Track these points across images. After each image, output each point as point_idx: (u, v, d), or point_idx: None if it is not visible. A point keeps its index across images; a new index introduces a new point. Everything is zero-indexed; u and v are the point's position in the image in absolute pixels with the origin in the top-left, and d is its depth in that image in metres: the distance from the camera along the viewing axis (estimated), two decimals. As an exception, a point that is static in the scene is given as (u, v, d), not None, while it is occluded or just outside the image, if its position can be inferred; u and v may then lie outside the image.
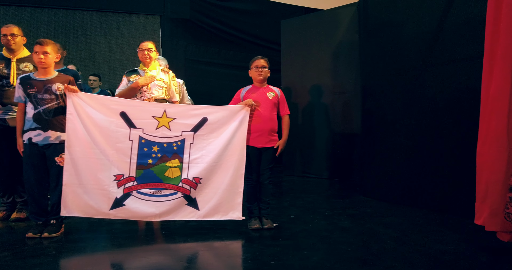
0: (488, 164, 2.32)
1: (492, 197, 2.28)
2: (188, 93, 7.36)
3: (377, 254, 2.48)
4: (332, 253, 2.53)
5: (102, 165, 2.86)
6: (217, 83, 7.74)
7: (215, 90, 7.68)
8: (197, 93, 7.50)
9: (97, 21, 7.33)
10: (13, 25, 3.41)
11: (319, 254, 2.50)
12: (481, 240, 2.72)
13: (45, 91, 2.84)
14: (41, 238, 2.77)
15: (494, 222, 2.30)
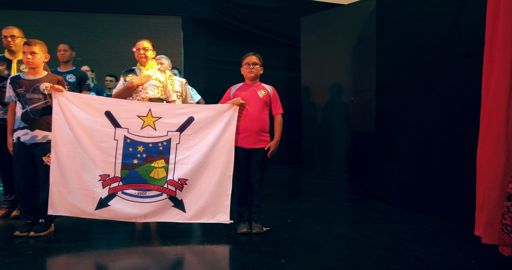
0: (485, 168, 2.06)
1: (488, 206, 2.02)
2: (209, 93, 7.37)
3: (360, 265, 2.28)
4: (310, 262, 2.36)
5: (87, 165, 2.85)
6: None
7: (236, 90, 7.59)
8: (218, 93, 7.40)
9: (119, 23, 7.49)
10: (13, 27, 3.50)
11: (296, 263, 2.34)
12: (484, 253, 2.45)
13: (33, 91, 2.87)
14: (29, 237, 2.79)
15: (489, 233, 2.04)
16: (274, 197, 4.54)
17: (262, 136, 3.01)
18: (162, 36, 7.61)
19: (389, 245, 2.69)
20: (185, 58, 7.63)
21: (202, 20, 7.62)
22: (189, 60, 7.64)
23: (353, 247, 2.64)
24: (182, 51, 7.62)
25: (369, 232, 3.03)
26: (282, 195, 4.71)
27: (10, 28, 3.48)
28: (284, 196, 4.65)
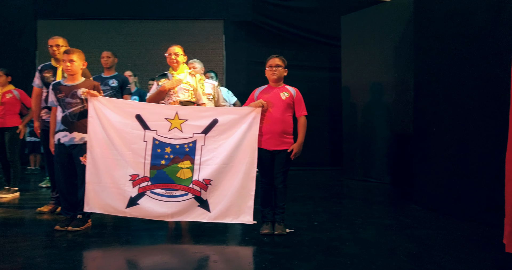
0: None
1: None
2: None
3: (376, 271, 2.23)
4: (324, 265, 2.34)
5: (119, 165, 3.02)
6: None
7: (277, 91, 7.62)
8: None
9: (164, 29, 7.81)
10: (58, 37, 3.80)
11: (309, 265, 2.33)
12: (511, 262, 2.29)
13: (71, 96, 3.10)
14: (67, 231, 3.02)
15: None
16: (307, 199, 4.53)
17: (285, 138, 3.03)
18: (205, 40, 7.83)
19: (413, 251, 2.60)
20: (226, 60, 7.79)
21: (243, 23, 7.74)
22: (230, 62, 7.79)
23: (373, 252, 2.58)
24: (224, 54, 7.79)
25: (395, 238, 2.94)
26: (315, 197, 4.68)
27: (55, 38, 3.78)
28: (317, 198, 4.61)
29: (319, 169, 7.28)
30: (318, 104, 7.60)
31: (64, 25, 7.78)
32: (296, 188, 5.34)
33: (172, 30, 7.81)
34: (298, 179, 6.20)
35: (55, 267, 2.25)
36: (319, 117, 7.56)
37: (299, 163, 7.23)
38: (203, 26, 7.90)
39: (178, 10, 7.79)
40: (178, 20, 7.86)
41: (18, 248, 2.60)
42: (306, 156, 7.29)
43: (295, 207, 4.05)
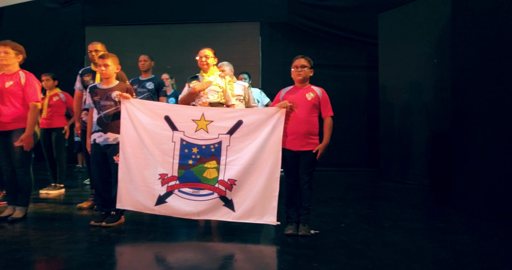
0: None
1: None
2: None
3: (397, 276, 2.17)
4: (343, 268, 2.30)
5: (149, 164, 3.15)
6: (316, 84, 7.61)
7: (314, 92, 7.58)
8: None
9: (202, 32, 8.01)
10: (97, 42, 4.01)
11: (327, 268, 2.31)
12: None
13: (106, 98, 3.28)
14: (101, 227, 3.19)
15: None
16: (338, 200, 4.47)
17: (310, 138, 3.01)
18: (241, 41, 7.94)
19: (441, 257, 2.50)
20: (262, 62, 7.85)
21: (279, 24, 7.76)
22: (266, 64, 7.84)
23: (398, 257, 2.51)
24: (260, 55, 7.85)
25: (425, 242, 2.84)
26: (348, 198, 4.60)
27: (94, 43, 4.00)
28: (349, 199, 4.54)
29: (355, 170, 7.14)
30: (355, 104, 7.47)
31: (109, 31, 8.21)
32: (329, 189, 5.29)
33: (210, 33, 7.98)
34: (333, 180, 6.13)
35: (84, 260, 2.39)
36: (355, 117, 7.43)
37: (334, 164, 7.23)
38: (240, 28, 8.01)
39: (215, 13, 7.95)
40: (215, 23, 8.03)
41: (53, 241, 2.79)
42: (342, 157, 7.27)
43: (325, 208, 4.02)
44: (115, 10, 8.16)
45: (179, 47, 8.08)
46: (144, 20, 8.11)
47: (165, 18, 8.07)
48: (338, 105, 7.40)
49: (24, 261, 2.38)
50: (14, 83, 3.39)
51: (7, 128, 3.37)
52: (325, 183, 5.82)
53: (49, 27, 8.31)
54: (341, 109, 7.46)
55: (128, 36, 8.12)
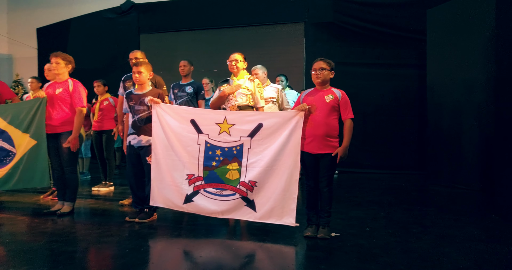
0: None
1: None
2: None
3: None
4: (350, 272, 2.29)
5: (177, 165, 3.34)
6: (363, 84, 7.50)
7: (361, 92, 7.46)
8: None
9: (248, 35, 8.19)
10: (137, 50, 4.30)
11: (333, 270, 2.31)
12: None
13: (139, 103, 3.52)
14: (135, 223, 3.44)
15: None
16: (373, 204, 4.37)
17: (329, 141, 3.00)
18: (286, 43, 7.99)
19: (460, 266, 2.39)
20: (307, 63, 7.82)
21: (324, 24, 7.70)
22: (311, 64, 7.76)
23: (414, 263, 2.44)
24: (304, 56, 7.83)
25: (449, 249, 2.72)
26: (384, 202, 4.48)
27: (134, 51, 4.29)
28: (386, 203, 4.42)
29: (403, 173, 6.87)
30: (403, 103, 7.20)
31: (162, 37, 8.69)
32: (369, 192, 5.18)
33: (255, 35, 8.13)
34: (377, 183, 5.98)
35: (110, 253, 2.62)
36: (403, 117, 7.15)
37: (381, 166, 7.01)
38: (284, 30, 8.05)
39: (260, 16, 8.07)
40: (260, 26, 8.15)
41: (89, 234, 3.07)
42: (389, 159, 7.03)
43: (356, 211, 3.96)
44: (166, 18, 8.60)
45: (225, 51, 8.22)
46: (193, 26, 8.46)
47: (213, 24, 8.35)
48: (385, 105, 7.22)
49: (59, 252, 2.66)
50: (63, 90, 3.75)
51: (56, 131, 3.74)
52: (367, 186, 5.70)
53: (108, 35, 8.97)
54: (388, 109, 7.24)
55: (179, 41, 8.54)
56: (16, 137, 3.83)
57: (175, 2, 8.55)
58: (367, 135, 7.35)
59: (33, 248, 2.73)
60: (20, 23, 10.40)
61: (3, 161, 3.87)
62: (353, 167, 7.34)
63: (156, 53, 8.64)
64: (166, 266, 2.44)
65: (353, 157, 7.21)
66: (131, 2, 8.78)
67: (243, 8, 8.18)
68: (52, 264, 2.42)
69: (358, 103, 7.40)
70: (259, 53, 8.09)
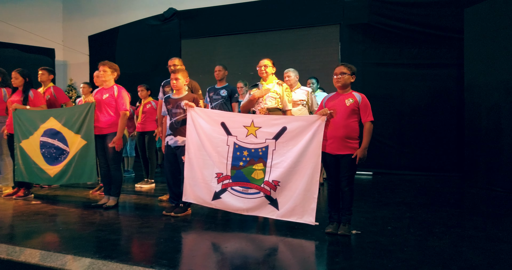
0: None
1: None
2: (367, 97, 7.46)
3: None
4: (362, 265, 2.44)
5: (207, 164, 3.62)
6: (399, 85, 7.49)
7: (396, 93, 7.49)
8: (376, 97, 7.49)
9: (283, 38, 8.39)
10: (175, 58, 4.64)
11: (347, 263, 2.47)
12: None
13: (176, 107, 3.84)
14: (171, 216, 3.76)
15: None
16: (402, 204, 4.43)
17: (349, 142, 3.14)
18: (321, 45, 8.12)
19: (473, 263, 2.46)
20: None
21: (360, 25, 7.74)
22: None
23: (427, 260, 2.54)
24: (339, 58, 7.91)
25: (466, 249, 2.79)
26: (413, 203, 4.53)
27: (173, 59, 4.64)
28: (414, 204, 4.46)
29: (438, 174, 6.79)
30: (439, 104, 7.10)
31: (202, 42, 9.10)
32: (400, 193, 5.21)
33: (291, 38, 8.32)
34: (410, 184, 5.99)
35: (146, 241, 2.95)
36: (441, 118, 7.05)
37: (417, 167, 6.96)
38: (319, 32, 8.17)
39: (296, 19, 8.24)
40: (296, 29, 8.32)
41: (130, 225, 3.43)
42: (425, 161, 6.97)
43: (382, 211, 4.06)
44: (206, 23, 9.00)
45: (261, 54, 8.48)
46: (231, 31, 8.78)
47: (249, 28, 8.63)
48: (422, 105, 7.16)
49: (103, 239, 3.01)
50: (109, 96, 4.16)
51: (103, 132, 4.15)
52: (401, 187, 5.73)
53: (152, 42, 9.51)
54: (425, 110, 7.16)
55: (217, 45, 8.90)
56: (69, 138, 4.29)
57: (214, 8, 8.92)
58: (404, 136, 7.32)
59: (82, 236, 3.11)
60: (74, 32, 11.26)
61: (58, 158, 4.35)
62: (389, 169, 7.36)
63: (196, 57, 9.07)
64: (195, 255, 2.71)
65: (389, 158, 7.27)
66: (173, 9, 9.26)
67: (279, 12, 8.39)
68: (97, 249, 2.76)
69: (394, 104, 7.41)
70: (293, 55, 8.28)
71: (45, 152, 4.43)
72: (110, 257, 2.55)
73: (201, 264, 2.49)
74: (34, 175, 4.52)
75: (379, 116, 7.53)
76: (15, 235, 3.16)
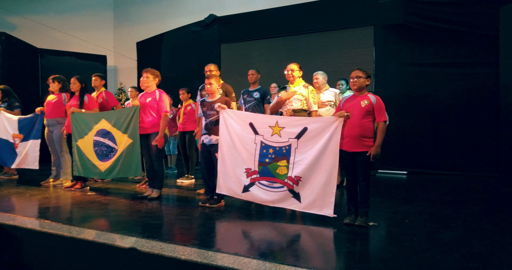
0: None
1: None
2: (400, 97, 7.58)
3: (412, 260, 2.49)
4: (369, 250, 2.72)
5: (238, 160, 4.00)
6: (434, 84, 7.52)
7: (432, 92, 7.52)
8: (411, 96, 7.58)
9: (317, 41, 8.63)
10: (211, 64, 5.09)
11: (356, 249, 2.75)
12: None
13: (210, 109, 4.27)
14: (206, 207, 4.18)
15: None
16: (427, 201, 4.56)
17: (364, 141, 3.40)
18: (355, 46, 8.27)
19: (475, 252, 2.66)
20: (376, 65, 8.01)
21: (394, 26, 7.83)
22: (380, 67, 7.98)
23: (431, 247, 2.76)
24: (374, 58, 8.03)
25: (474, 240, 2.96)
26: (438, 200, 4.66)
27: (209, 65, 5.08)
28: (439, 201, 4.60)
29: (474, 174, 6.76)
30: (475, 103, 7.06)
31: (240, 46, 9.54)
32: (429, 192, 5.32)
33: (324, 40, 8.54)
34: (443, 183, 6.06)
35: (183, 226, 3.39)
36: (475, 117, 7.01)
37: (451, 167, 6.98)
38: (353, 33, 8.31)
39: (329, 21, 8.45)
40: (329, 31, 8.52)
41: (170, 214, 3.90)
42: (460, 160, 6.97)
43: (406, 207, 4.25)
44: (244, 28, 9.43)
45: (295, 56, 8.81)
46: (267, 35, 9.15)
47: (285, 31, 8.95)
48: (457, 104, 7.16)
49: (147, 224, 3.49)
50: (152, 99, 4.66)
51: (147, 132, 4.66)
52: (433, 186, 5.82)
53: (194, 47, 10.08)
54: (460, 109, 7.14)
55: (255, 49, 9.30)
56: (118, 137, 4.84)
57: (251, 14, 9.33)
58: (439, 136, 7.33)
59: (129, 221, 3.61)
60: (123, 39, 12.14)
61: (108, 155, 4.93)
62: (425, 168, 7.39)
63: (234, 61, 9.53)
64: (224, 238, 3.11)
65: (424, 158, 7.31)
66: (213, 15, 9.78)
67: (312, 15, 8.63)
68: (141, 231, 3.23)
69: (429, 103, 7.44)
70: (326, 57, 8.49)
71: (97, 150, 5.03)
72: (152, 237, 3.01)
73: (228, 245, 2.87)
74: (88, 170, 5.13)
75: (414, 115, 7.59)
76: (74, 219, 3.71)
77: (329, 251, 2.85)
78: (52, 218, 3.63)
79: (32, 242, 3.36)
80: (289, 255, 2.65)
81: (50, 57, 9.72)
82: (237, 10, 9.71)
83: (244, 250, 2.75)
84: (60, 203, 4.49)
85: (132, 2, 12.24)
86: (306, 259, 2.58)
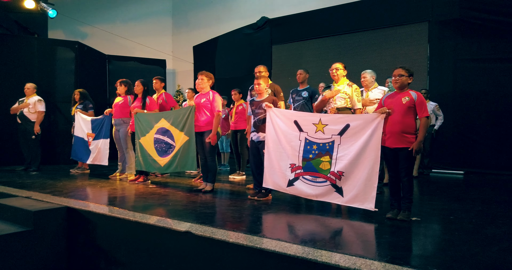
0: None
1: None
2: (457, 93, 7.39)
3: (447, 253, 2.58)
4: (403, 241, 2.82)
5: (283, 156, 4.23)
6: (495, 80, 7.26)
7: (492, 89, 7.27)
8: (469, 93, 7.37)
9: (369, 39, 8.62)
10: (261, 65, 5.36)
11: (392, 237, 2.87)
12: None
13: (258, 108, 4.55)
14: (254, 200, 4.46)
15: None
16: (478, 201, 4.50)
17: (405, 137, 3.48)
18: (409, 43, 8.16)
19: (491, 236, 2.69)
20: (431, 62, 7.85)
21: (450, 21, 7.64)
22: (435, 63, 7.81)
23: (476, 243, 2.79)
24: (428, 55, 7.86)
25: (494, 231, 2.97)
26: (490, 199, 4.57)
27: (259, 66, 5.37)
28: (491, 200, 4.51)
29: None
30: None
31: (291, 47, 9.77)
32: (485, 191, 5.21)
33: (376, 38, 8.50)
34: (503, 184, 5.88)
35: (232, 216, 3.70)
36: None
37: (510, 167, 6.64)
38: (407, 30, 8.19)
39: (382, 18, 8.39)
40: (382, 29, 8.46)
41: (221, 205, 4.25)
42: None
43: (455, 205, 4.24)
44: (295, 29, 9.63)
45: (347, 55, 8.88)
46: (318, 34, 9.28)
47: (336, 30, 9.02)
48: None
49: (200, 213, 3.84)
50: (206, 100, 5.04)
51: (201, 130, 5.04)
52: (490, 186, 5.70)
53: (247, 49, 10.46)
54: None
55: (306, 49, 9.47)
56: (175, 135, 5.28)
57: (302, 14, 9.51)
58: (501, 135, 7.04)
59: (185, 210, 3.99)
60: (181, 43, 12.86)
61: (167, 151, 5.39)
62: (484, 168, 7.14)
63: (286, 62, 9.76)
64: (269, 226, 3.37)
65: (483, 157, 7.06)
66: (265, 18, 10.08)
67: (365, 13, 8.62)
68: (195, 218, 3.57)
69: (489, 101, 7.18)
70: (380, 55, 8.44)
71: (157, 147, 5.51)
72: (205, 223, 3.34)
73: (273, 233, 3.12)
74: (149, 165, 5.64)
75: (473, 113, 7.34)
76: (138, 207, 4.16)
77: (368, 240, 3.00)
78: (119, 205, 4.11)
79: (102, 225, 3.85)
80: (328, 242, 2.84)
81: (116, 63, 10.58)
82: (288, 11, 9.93)
83: (286, 237, 2.98)
84: (126, 193, 5.01)
85: (188, 8, 12.93)
86: (344, 246, 2.76)
